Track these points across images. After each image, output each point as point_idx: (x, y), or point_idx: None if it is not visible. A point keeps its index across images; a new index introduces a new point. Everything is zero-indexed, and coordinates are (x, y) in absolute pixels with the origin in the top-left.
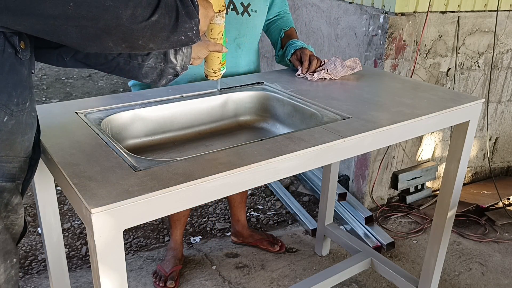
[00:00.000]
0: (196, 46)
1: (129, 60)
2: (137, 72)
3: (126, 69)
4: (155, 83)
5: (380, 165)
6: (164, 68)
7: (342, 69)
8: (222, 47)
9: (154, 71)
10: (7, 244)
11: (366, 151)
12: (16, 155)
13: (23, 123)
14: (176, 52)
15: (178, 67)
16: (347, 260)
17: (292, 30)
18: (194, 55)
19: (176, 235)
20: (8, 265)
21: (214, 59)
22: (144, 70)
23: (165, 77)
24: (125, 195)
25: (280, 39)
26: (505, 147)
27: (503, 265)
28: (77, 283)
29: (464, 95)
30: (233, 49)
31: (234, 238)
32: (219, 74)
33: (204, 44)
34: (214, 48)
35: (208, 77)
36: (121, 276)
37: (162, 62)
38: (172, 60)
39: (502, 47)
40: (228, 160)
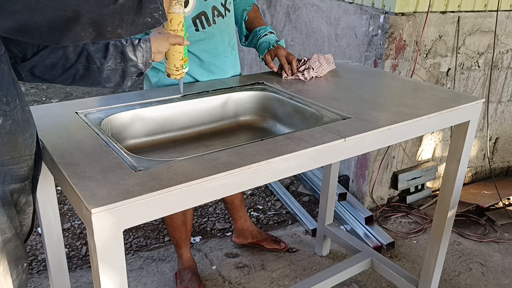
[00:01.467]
0: (156, 39)
1: (88, 65)
2: (98, 77)
3: (86, 75)
4: (120, 86)
5: (380, 165)
6: (125, 68)
7: (327, 65)
8: (184, 40)
9: (116, 73)
10: (18, 250)
11: (366, 151)
12: (21, 155)
13: (20, 120)
14: (135, 49)
15: (140, 64)
16: (347, 260)
17: (254, 9)
18: (154, 49)
19: (187, 252)
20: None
21: (176, 55)
22: (105, 74)
23: (129, 78)
24: (125, 195)
25: (244, 22)
26: (505, 147)
27: (503, 265)
28: (77, 283)
29: (464, 95)
30: (230, 53)
31: (240, 239)
32: (182, 72)
33: (164, 37)
34: (175, 40)
35: (171, 76)
36: (121, 276)
37: (122, 62)
38: (132, 57)
39: (502, 47)
40: (228, 160)
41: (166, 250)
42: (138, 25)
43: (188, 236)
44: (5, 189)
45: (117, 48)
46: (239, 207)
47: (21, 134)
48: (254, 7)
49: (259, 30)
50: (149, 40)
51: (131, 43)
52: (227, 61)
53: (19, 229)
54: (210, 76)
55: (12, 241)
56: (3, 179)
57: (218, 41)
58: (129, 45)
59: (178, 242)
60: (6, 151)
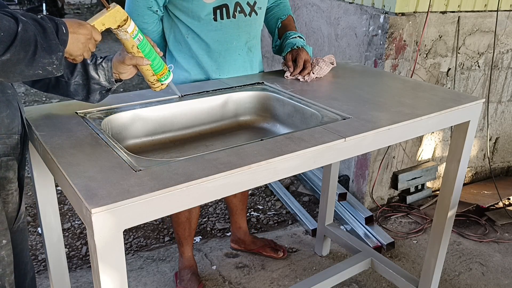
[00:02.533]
0: (116, 61)
1: (57, 79)
2: (66, 90)
3: (56, 87)
4: (87, 100)
5: (380, 165)
6: (89, 85)
7: (326, 67)
8: (142, 60)
9: (83, 88)
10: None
11: (366, 151)
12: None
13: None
14: (97, 68)
15: (103, 81)
16: (347, 260)
17: (289, 18)
18: (115, 70)
19: (188, 251)
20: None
21: (145, 72)
22: (72, 88)
23: (94, 93)
24: (125, 195)
25: (277, 29)
26: (505, 147)
27: (503, 265)
28: (77, 283)
29: (464, 95)
30: (245, 54)
31: (235, 245)
32: (159, 85)
33: (121, 58)
34: (131, 62)
35: (152, 89)
36: (121, 276)
37: (85, 79)
38: (94, 75)
39: (502, 47)
40: (228, 160)
41: (166, 250)
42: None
43: (192, 234)
44: None
45: (83, 66)
46: (238, 214)
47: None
48: (289, 17)
49: (289, 33)
50: (111, 60)
51: (94, 62)
52: (239, 59)
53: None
54: (217, 70)
55: None
56: None
57: (233, 36)
58: (92, 64)
59: (180, 239)
60: None
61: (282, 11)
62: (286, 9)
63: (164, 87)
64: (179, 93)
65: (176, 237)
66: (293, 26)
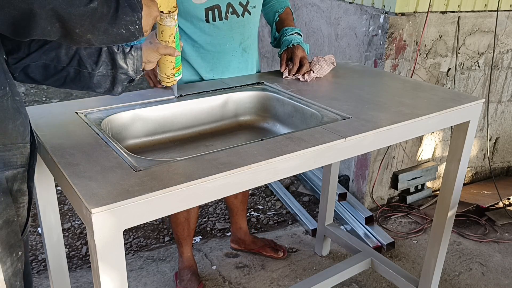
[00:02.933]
0: (146, 49)
1: (79, 70)
2: (89, 82)
3: (77, 79)
4: (110, 92)
5: (380, 165)
6: (115, 75)
7: (327, 67)
8: (175, 51)
9: (107, 79)
10: (11, 237)
11: (366, 151)
12: (13, 142)
13: (10, 108)
14: (126, 56)
15: (131, 71)
16: (347, 260)
17: (287, 11)
18: (144, 58)
19: (188, 251)
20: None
21: (166, 64)
22: (95, 80)
23: (119, 84)
24: (125, 195)
25: (274, 23)
26: (505, 147)
27: (504, 265)
28: (77, 283)
29: (464, 95)
30: (240, 54)
31: (235, 245)
32: (173, 80)
33: (154, 47)
34: (165, 51)
35: (162, 83)
36: (121, 276)
37: (113, 69)
38: (122, 65)
39: (502, 47)
40: (228, 160)
41: (166, 250)
42: (111, 34)
43: (191, 235)
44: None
45: (109, 54)
46: (239, 214)
47: (11, 122)
48: (286, 10)
49: (286, 29)
50: (140, 49)
51: (122, 50)
52: (233, 60)
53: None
54: (211, 72)
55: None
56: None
57: (226, 38)
58: (120, 53)
59: (179, 240)
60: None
61: (279, 3)
62: (284, 0)
63: (175, 83)
64: (177, 93)
65: (175, 237)
66: (291, 19)
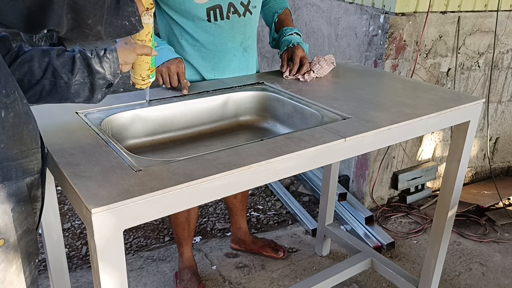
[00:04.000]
0: (122, 50)
1: (55, 81)
2: (66, 93)
3: (53, 91)
4: (90, 100)
5: (380, 165)
6: (93, 81)
7: (327, 67)
8: (152, 50)
9: (85, 87)
10: (30, 246)
11: (366, 151)
12: (29, 148)
13: (22, 113)
14: (101, 60)
15: (108, 75)
16: (347, 260)
17: (286, 12)
18: (121, 60)
19: (188, 251)
20: (32, 266)
21: (142, 65)
22: (73, 89)
23: (98, 90)
24: (125, 195)
25: (273, 24)
26: (506, 147)
27: (504, 265)
28: (77, 283)
29: (465, 95)
30: (241, 54)
31: (235, 245)
32: (148, 82)
33: (131, 47)
34: (142, 51)
35: (136, 85)
36: (122, 276)
37: (90, 75)
38: (99, 70)
39: (502, 47)
40: (228, 160)
41: (166, 250)
42: (116, 27)
43: (191, 235)
44: (19, 185)
45: (83, 61)
46: (238, 214)
47: (25, 127)
48: (285, 11)
49: (286, 29)
50: (115, 50)
51: (97, 54)
52: (234, 60)
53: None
54: (212, 71)
55: (23, 238)
56: (16, 174)
57: (227, 37)
58: (94, 57)
59: (179, 240)
60: (13, 145)
61: (278, 4)
62: (282, 2)
63: (149, 84)
64: (148, 97)
65: (175, 237)
66: (290, 20)
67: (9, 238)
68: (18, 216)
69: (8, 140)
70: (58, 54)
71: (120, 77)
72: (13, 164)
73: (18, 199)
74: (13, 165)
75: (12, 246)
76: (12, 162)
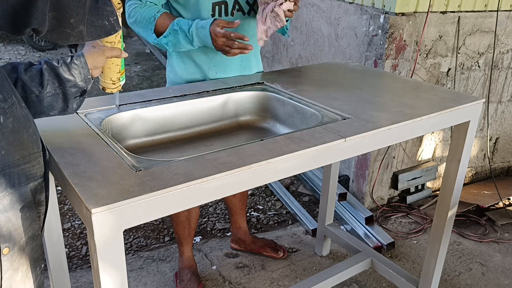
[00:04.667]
0: (91, 54)
1: (26, 96)
2: (39, 106)
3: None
4: (65, 111)
5: (380, 165)
6: (65, 91)
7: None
8: (121, 52)
9: (58, 98)
10: (35, 252)
11: (366, 151)
12: (30, 152)
13: (21, 117)
14: (70, 68)
15: (80, 82)
16: (348, 260)
17: None
18: (91, 65)
19: (188, 251)
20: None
21: (112, 67)
22: (46, 102)
23: (72, 100)
24: (125, 195)
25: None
26: (506, 147)
27: (504, 265)
28: (77, 283)
29: (465, 95)
30: None
31: (235, 245)
32: (118, 86)
33: (99, 50)
34: (112, 53)
35: (106, 90)
36: (122, 276)
37: (60, 85)
38: (69, 78)
39: (502, 47)
40: (228, 160)
41: (166, 250)
42: (97, 27)
43: (191, 234)
44: (23, 191)
45: (51, 71)
46: (238, 214)
47: (25, 131)
48: None
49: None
50: (82, 55)
51: (64, 62)
52: (236, 58)
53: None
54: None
55: (29, 245)
56: (18, 181)
57: None
58: (61, 66)
59: (180, 239)
60: (15, 150)
61: None
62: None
63: (120, 88)
64: (118, 102)
65: (176, 236)
66: None
67: (14, 246)
68: (23, 223)
69: (8, 146)
70: (25, 68)
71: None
72: (15, 170)
73: (23, 206)
74: (15, 172)
75: (17, 254)
76: (14, 169)
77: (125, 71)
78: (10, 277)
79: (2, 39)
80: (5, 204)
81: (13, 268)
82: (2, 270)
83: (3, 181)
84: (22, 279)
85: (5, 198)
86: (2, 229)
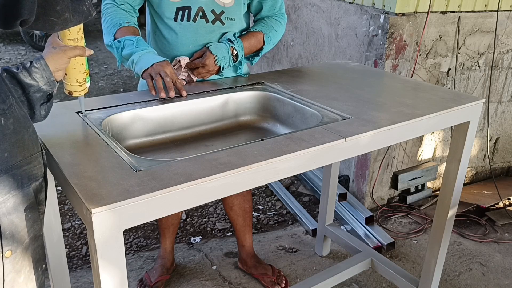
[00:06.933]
0: (52, 55)
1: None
2: None
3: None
4: (33, 118)
5: (381, 165)
6: (28, 97)
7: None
8: (85, 49)
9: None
10: (37, 252)
11: (367, 151)
12: (31, 153)
13: (20, 116)
14: (30, 72)
15: (43, 86)
16: (348, 260)
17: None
18: (53, 67)
19: (166, 243)
20: (40, 272)
21: (77, 67)
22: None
23: (38, 106)
24: (125, 195)
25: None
26: (506, 147)
27: (504, 266)
28: (78, 283)
29: (465, 95)
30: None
31: (239, 264)
32: (85, 88)
33: (60, 51)
34: (74, 52)
35: (73, 94)
36: (122, 276)
37: (24, 92)
38: (30, 83)
39: (502, 47)
40: (228, 160)
41: None
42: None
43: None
44: (25, 192)
45: (11, 79)
46: (239, 230)
47: (25, 132)
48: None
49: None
50: (42, 58)
51: (23, 67)
52: None
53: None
54: None
55: (31, 246)
56: (21, 182)
57: (189, 40)
58: (21, 71)
59: (162, 229)
60: (17, 152)
61: (259, 26)
62: (265, 27)
63: (87, 90)
64: (83, 107)
65: (159, 227)
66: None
67: (17, 249)
68: (25, 225)
69: (11, 148)
70: None
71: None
72: (18, 172)
73: (25, 207)
74: (18, 173)
75: (20, 256)
76: (17, 170)
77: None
78: (13, 279)
79: (2, 39)
80: (8, 207)
81: (16, 270)
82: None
83: (7, 184)
84: (25, 281)
85: (9, 200)
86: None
